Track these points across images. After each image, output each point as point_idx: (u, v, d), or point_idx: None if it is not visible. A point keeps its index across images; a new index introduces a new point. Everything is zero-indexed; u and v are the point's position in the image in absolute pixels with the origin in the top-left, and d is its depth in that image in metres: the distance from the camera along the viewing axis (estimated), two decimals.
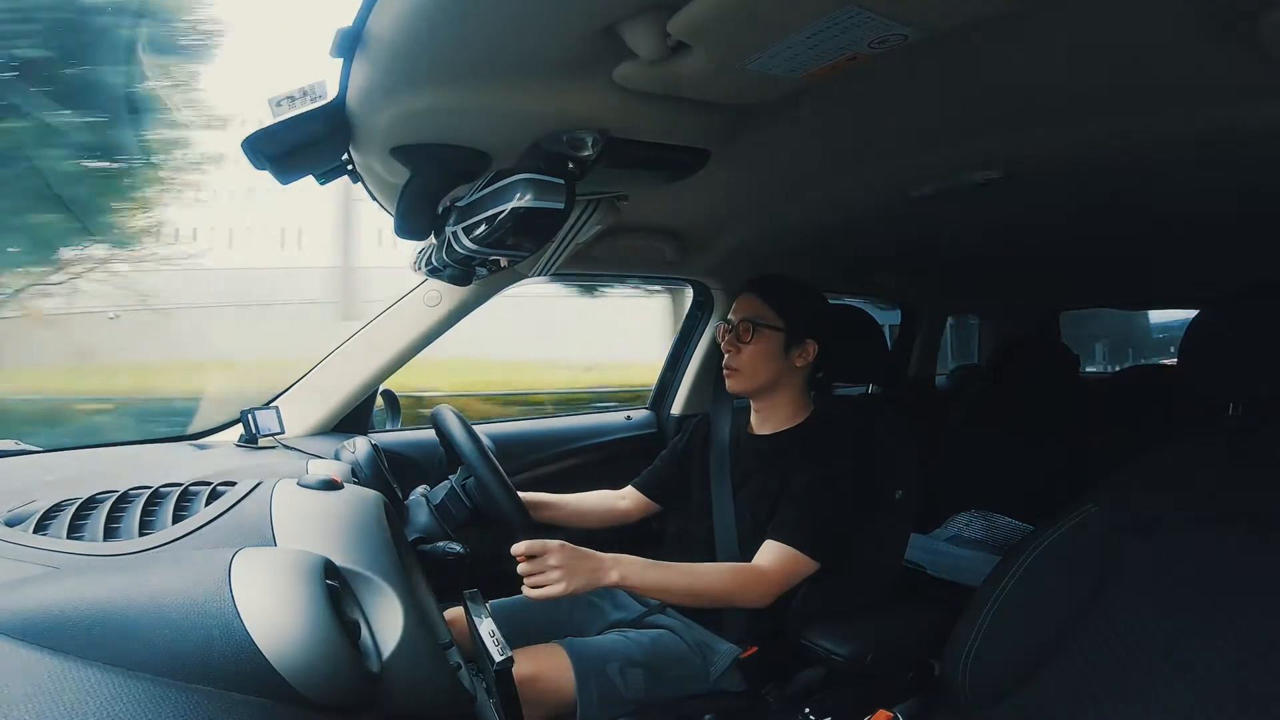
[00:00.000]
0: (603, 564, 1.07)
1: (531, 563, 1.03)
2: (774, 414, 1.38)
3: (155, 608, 0.49)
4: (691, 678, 1.23)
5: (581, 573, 1.04)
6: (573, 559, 1.04)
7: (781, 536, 1.21)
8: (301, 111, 0.79)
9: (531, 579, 1.03)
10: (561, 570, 1.02)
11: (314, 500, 0.76)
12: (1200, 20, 0.70)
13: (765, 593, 1.18)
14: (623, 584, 1.08)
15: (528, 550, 1.03)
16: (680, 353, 2.05)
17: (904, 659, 1.28)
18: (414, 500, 1.21)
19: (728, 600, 1.18)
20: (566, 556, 1.04)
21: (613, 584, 1.07)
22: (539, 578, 1.03)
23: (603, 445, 1.92)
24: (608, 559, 1.08)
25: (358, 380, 1.48)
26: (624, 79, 0.75)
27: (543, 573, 1.03)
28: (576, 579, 1.03)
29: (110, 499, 0.73)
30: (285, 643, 0.49)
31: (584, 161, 0.89)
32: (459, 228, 0.94)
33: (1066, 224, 1.56)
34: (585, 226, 1.18)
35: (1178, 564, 0.87)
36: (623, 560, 1.09)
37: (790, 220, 1.48)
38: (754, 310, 1.33)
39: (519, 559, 1.04)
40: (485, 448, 1.17)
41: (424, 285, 1.48)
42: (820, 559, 1.21)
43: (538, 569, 1.03)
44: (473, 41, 0.69)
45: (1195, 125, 0.93)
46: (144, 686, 0.45)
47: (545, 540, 1.04)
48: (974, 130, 1.03)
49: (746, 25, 0.63)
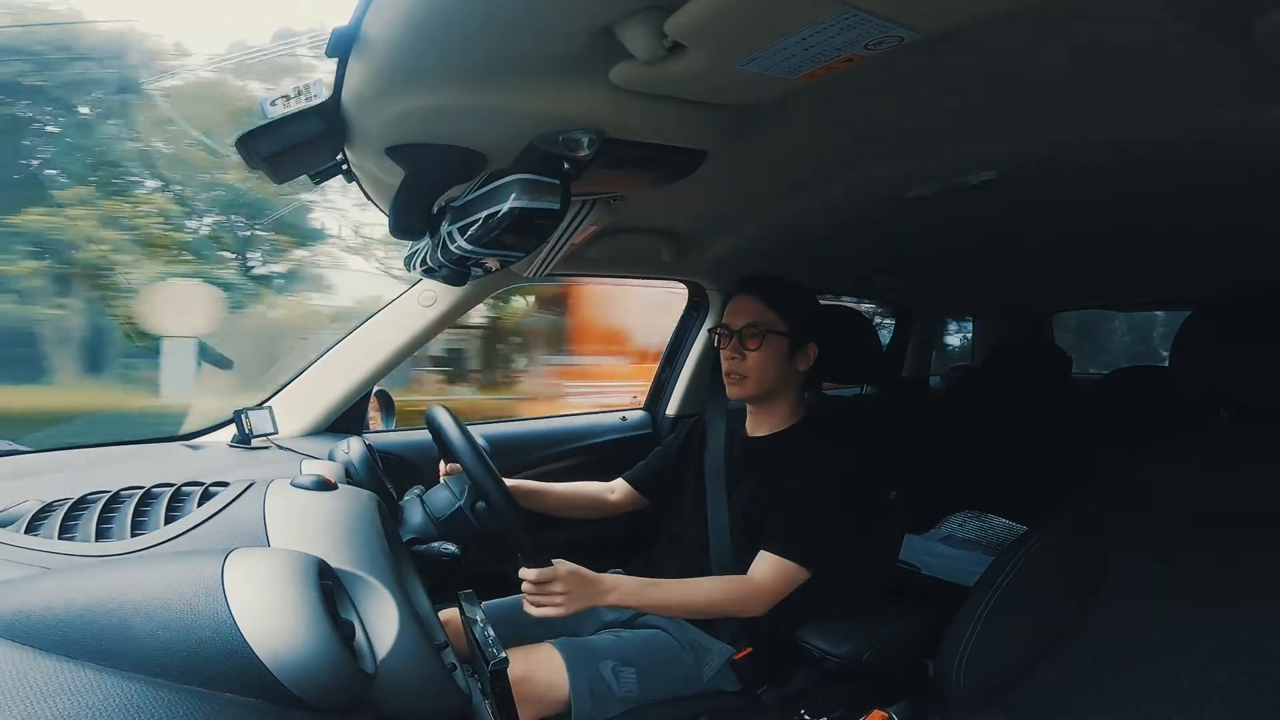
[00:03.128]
0: (602, 586, 1.10)
1: (538, 587, 1.06)
2: (770, 416, 1.38)
3: (148, 609, 0.48)
4: (684, 677, 1.23)
5: (582, 597, 1.08)
6: (577, 585, 1.07)
7: (774, 548, 1.21)
8: (297, 111, 0.79)
9: (534, 598, 1.06)
10: (565, 595, 1.06)
11: (308, 501, 0.76)
12: (1195, 22, 0.70)
13: (761, 604, 1.20)
14: (621, 604, 1.13)
15: (538, 578, 1.06)
16: (675, 353, 2.05)
17: (898, 659, 1.29)
18: (408, 501, 1.21)
19: (724, 613, 1.21)
20: (572, 583, 1.07)
21: (612, 604, 1.12)
22: (542, 598, 1.06)
23: (598, 445, 1.92)
24: (607, 580, 1.12)
25: (352, 381, 1.47)
26: (620, 79, 0.75)
27: (546, 596, 1.06)
28: (577, 602, 1.07)
29: (102, 499, 0.73)
30: (279, 644, 0.49)
31: (580, 162, 0.89)
32: (454, 228, 0.94)
33: (1061, 225, 1.57)
34: (581, 227, 1.18)
35: (1169, 565, 0.88)
36: (622, 584, 1.13)
37: (786, 221, 1.48)
38: (756, 314, 1.31)
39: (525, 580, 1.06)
40: (480, 448, 1.16)
41: (418, 285, 1.48)
42: (813, 566, 1.22)
43: (543, 592, 1.06)
44: (469, 42, 0.69)
45: (1190, 127, 0.93)
46: (137, 687, 0.45)
47: (554, 568, 1.06)
48: (969, 132, 1.04)
49: (743, 26, 0.63)
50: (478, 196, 0.91)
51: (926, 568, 2.11)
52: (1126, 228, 1.58)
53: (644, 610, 1.20)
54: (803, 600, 1.27)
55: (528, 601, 1.07)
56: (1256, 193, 1.20)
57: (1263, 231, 1.46)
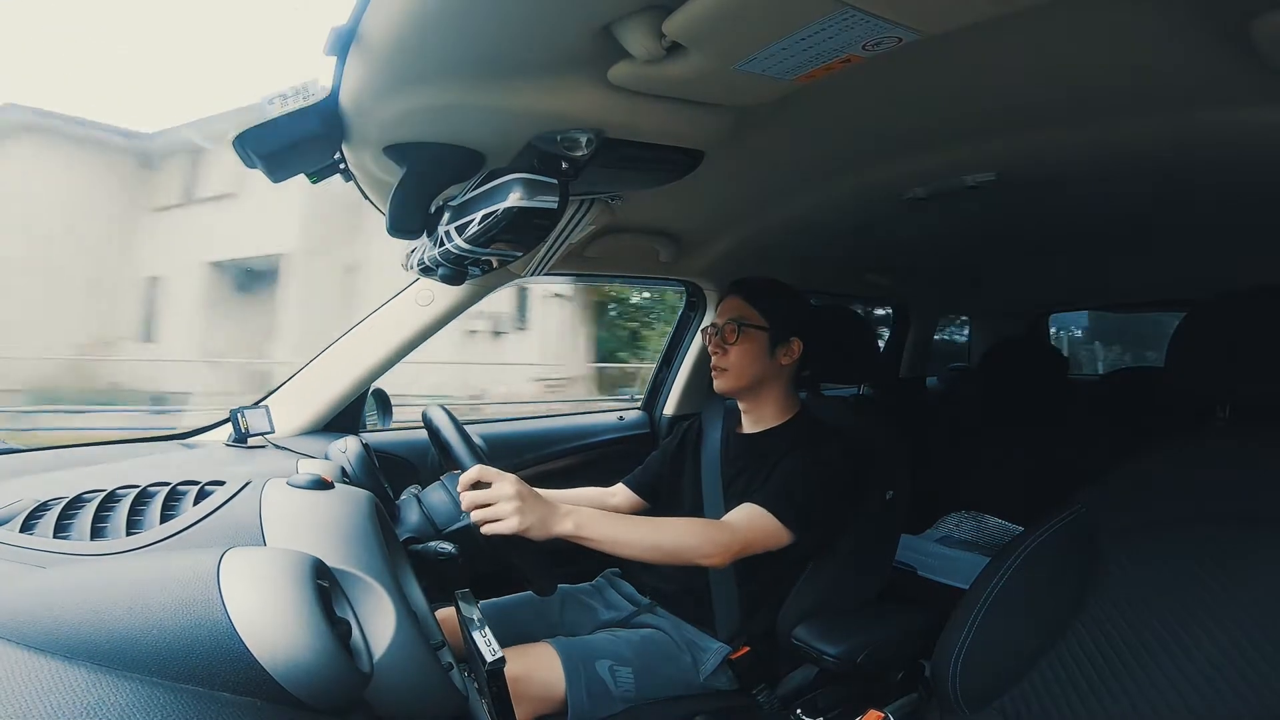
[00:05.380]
0: (557, 511, 1.00)
1: (482, 493, 0.97)
2: (762, 413, 1.39)
3: (143, 608, 0.48)
4: (681, 676, 1.23)
5: (535, 511, 0.97)
6: (527, 494, 0.97)
7: (756, 500, 1.18)
8: (294, 109, 0.79)
9: (481, 512, 0.96)
10: (515, 504, 0.95)
11: (304, 500, 0.76)
12: (1193, 23, 0.70)
13: (726, 546, 1.10)
14: (578, 533, 1.01)
15: (480, 476, 0.97)
16: (673, 353, 2.05)
17: (894, 659, 1.29)
18: (405, 500, 1.21)
19: (686, 555, 1.09)
20: (520, 490, 0.97)
21: (567, 532, 1.00)
22: (491, 510, 0.96)
23: (596, 445, 1.92)
24: (562, 507, 1.01)
25: (349, 380, 1.47)
26: (619, 79, 0.75)
27: (494, 505, 0.96)
28: (529, 516, 0.96)
29: (97, 498, 0.72)
30: (275, 643, 0.48)
31: (578, 161, 0.89)
32: (451, 227, 0.94)
33: (1058, 226, 1.57)
34: (579, 226, 1.18)
35: (1166, 565, 0.88)
36: (578, 510, 1.03)
37: (784, 221, 1.48)
38: (738, 311, 1.35)
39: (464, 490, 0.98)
40: (478, 448, 1.16)
41: (416, 284, 1.48)
42: (792, 528, 1.15)
43: (488, 500, 0.96)
44: (467, 40, 0.69)
45: (1188, 128, 0.94)
46: (131, 687, 0.45)
47: (498, 470, 0.99)
48: (967, 133, 1.04)
49: (742, 27, 0.63)
50: (476, 195, 0.91)
51: (923, 568, 2.11)
52: (1124, 228, 1.59)
53: (602, 545, 1.04)
54: (799, 599, 1.28)
55: (474, 517, 0.97)
56: (1255, 193, 1.21)
57: (1261, 232, 1.47)
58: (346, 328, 1.50)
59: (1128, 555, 0.92)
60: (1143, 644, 0.84)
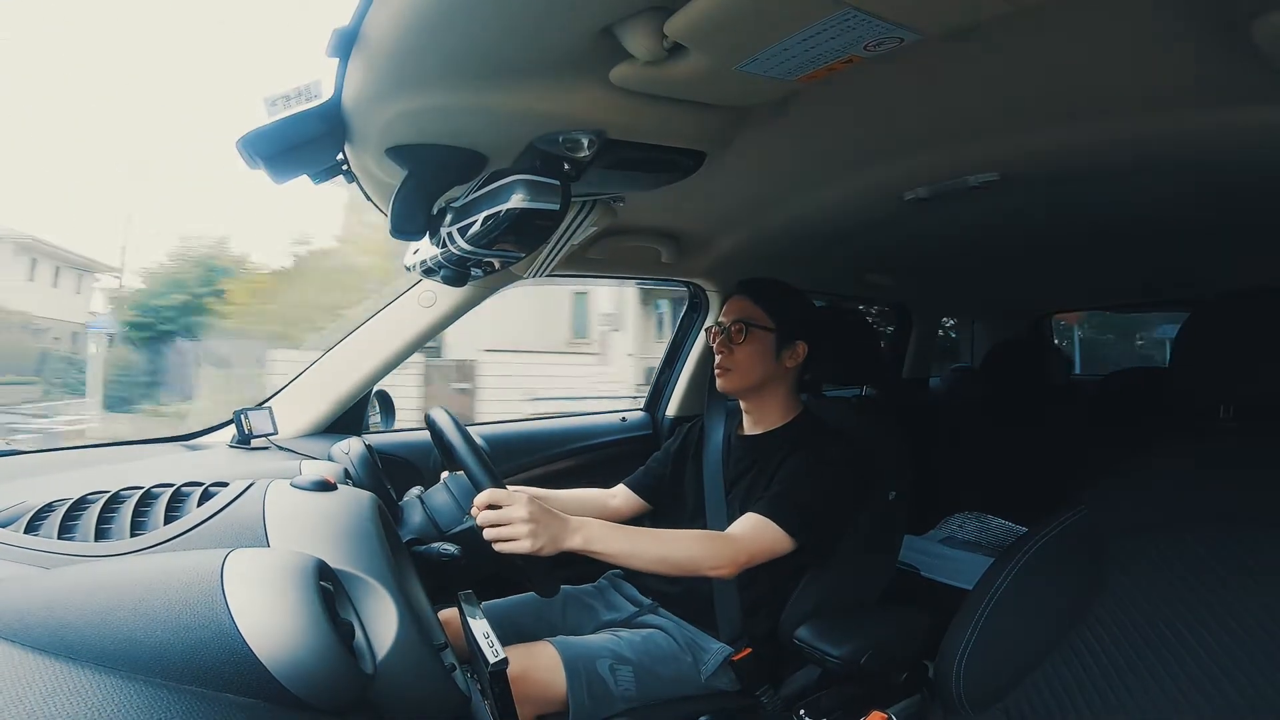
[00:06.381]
0: (567, 526, 1.02)
1: (496, 513, 0.99)
2: (764, 414, 1.39)
3: (147, 609, 0.48)
4: (682, 676, 1.23)
5: (548, 531, 0.99)
6: (540, 514, 1.00)
7: (759, 509, 1.19)
8: (297, 111, 0.79)
9: (495, 531, 0.98)
10: (529, 526, 0.98)
11: (307, 501, 0.76)
12: (1195, 24, 0.70)
13: (733, 558, 1.12)
14: (586, 547, 1.04)
15: (492, 500, 0.99)
16: (675, 355, 2.05)
17: (898, 660, 1.29)
18: (408, 501, 1.21)
19: (694, 567, 1.12)
20: (534, 511, 0.99)
21: (576, 547, 1.02)
22: (505, 530, 0.98)
23: (598, 447, 1.92)
24: (572, 521, 1.04)
25: (352, 381, 1.47)
26: (620, 80, 0.75)
27: (509, 525, 0.98)
28: (541, 537, 0.98)
29: (101, 499, 0.72)
30: (279, 645, 0.49)
31: (580, 162, 0.89)
32: (454, 228, 0.94)
33: (1061, 226, 1.57)
34: (581, 228, 1.18)
35: (1169, 566, 0.88)
36: (587, 524, 1.05)
37: (786, 222, 1.48)
38: (745, 311, 1.35)
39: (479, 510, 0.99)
40: (480, 449, 1.16)
41: (418, 286, 1.48)
42: (797, 537, 1.17)
43: (502, 520, 0.98)
44: (469, 42, 0.69)
45: (1190, 129, 0.93)
46: (136, 688, 0.45)
47: (512, 490, 1.00)
48: (970, 133, 1.04)
49: (743, 27, 0.63)
50: (478, 197, 0.91)
51: (926, 569, 2.10)
52: (1126, 229, 1.58)
53: (611, 558, 1.07)
54: (802, 600, 1.27)
55: (488, 536, 0.99)
56: (1256, 193, 1.20)
57: (1261, 232, 1.46)
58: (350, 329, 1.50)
59: (1132, 555, 0.92)
60: (1148, 644, 0.84)
